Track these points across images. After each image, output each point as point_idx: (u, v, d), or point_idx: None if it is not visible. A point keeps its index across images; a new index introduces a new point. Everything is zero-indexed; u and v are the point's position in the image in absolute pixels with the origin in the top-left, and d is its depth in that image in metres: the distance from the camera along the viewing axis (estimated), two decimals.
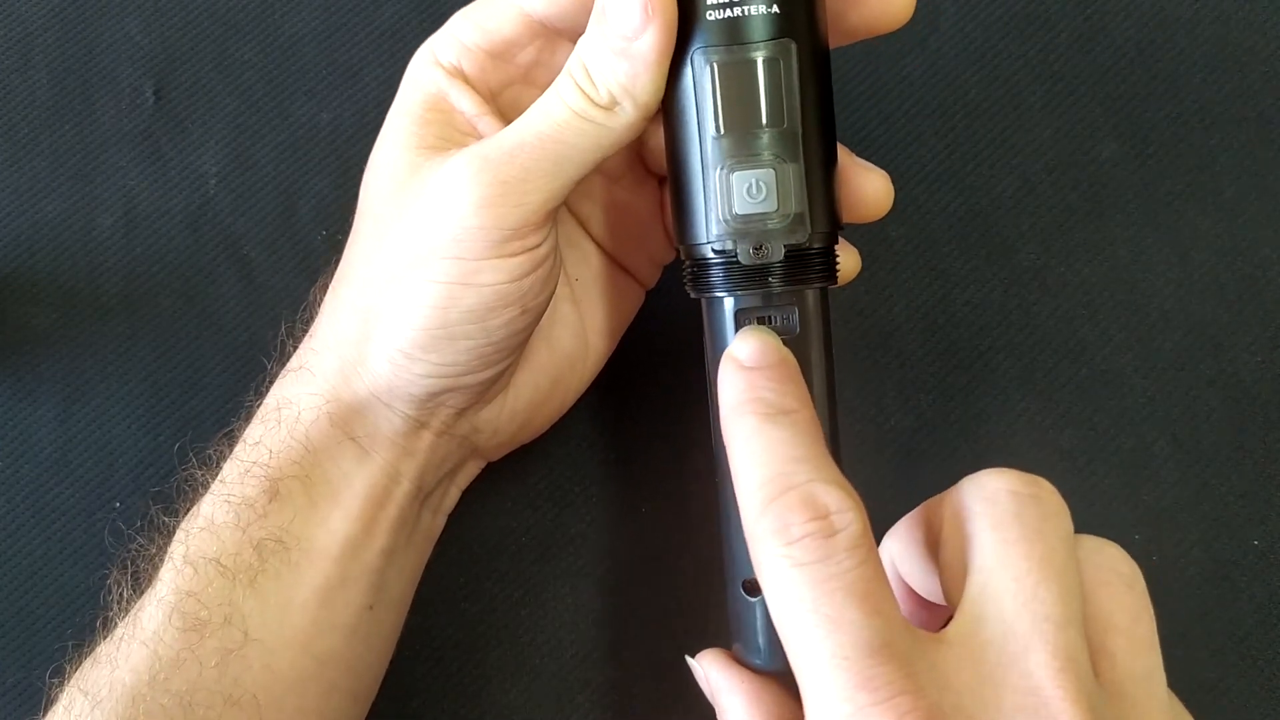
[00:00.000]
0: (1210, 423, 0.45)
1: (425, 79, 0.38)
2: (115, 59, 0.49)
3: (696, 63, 0.33)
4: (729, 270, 0.34)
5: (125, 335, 0.46)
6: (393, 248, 0.36)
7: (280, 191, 0.48)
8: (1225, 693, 0.43)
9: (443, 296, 0.35)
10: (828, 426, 0.34)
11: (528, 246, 0.35)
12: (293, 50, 0.49)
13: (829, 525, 0.28)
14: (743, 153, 0.33)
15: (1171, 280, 0.46)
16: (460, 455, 0.40)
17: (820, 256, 0.34)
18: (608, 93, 0.33)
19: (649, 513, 0.45)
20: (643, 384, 0.45)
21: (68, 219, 0.48)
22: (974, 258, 0.47)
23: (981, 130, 0.48)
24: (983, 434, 0.45)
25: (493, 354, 0.36)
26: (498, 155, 0.34)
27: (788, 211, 0.33)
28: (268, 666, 0.35)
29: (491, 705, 0.43)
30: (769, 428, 0.30)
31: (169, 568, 0.36)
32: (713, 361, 0.35)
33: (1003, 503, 0.30)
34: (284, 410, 0.37)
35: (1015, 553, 0.29)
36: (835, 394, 0.35)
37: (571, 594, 0.44)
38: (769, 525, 0.28)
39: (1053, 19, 0.49)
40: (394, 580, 0.39)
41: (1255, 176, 0.47)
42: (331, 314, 0.39)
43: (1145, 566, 0.44)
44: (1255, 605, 0.44)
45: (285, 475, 0.36)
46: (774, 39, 0.32)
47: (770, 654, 0.34)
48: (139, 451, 0.45)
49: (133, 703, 0.34)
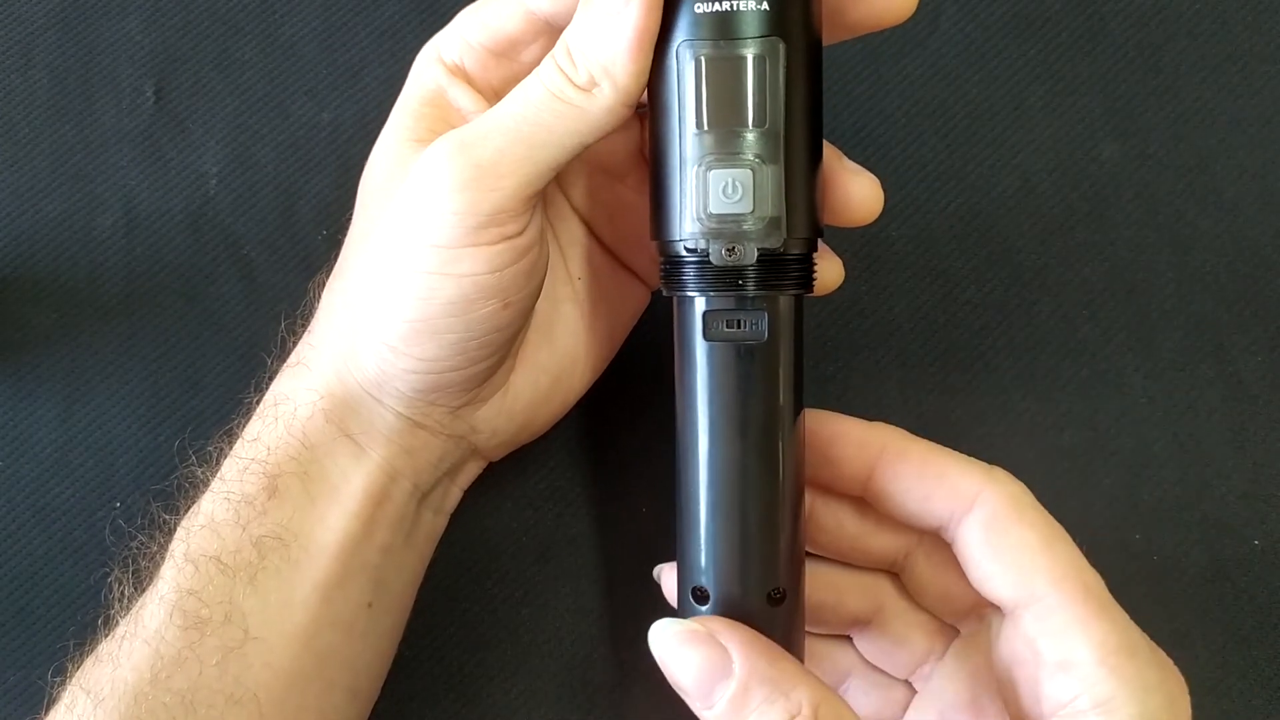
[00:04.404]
0: (1210, 423, 0.45)
1: (426, 75, 0.38)
2: (115, 59, 0.49)
3: (682, 55, 0.32)
4: (701, 270, 0.33)
5: (125, 335, 0.46)
6: (378, 238, 0.36)
7: (280, 191, 0.48)
8: (1225, 693, 0.43)
9: (423, 287, 0.34)
10: (788, 442, 0.34)
11: (506, 235, 0.34)
12: (293, 50, 0.49)
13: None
14: (722, 151, 0.32)
15: (1171, 280, 0.46)
16: (459, 455, 0.40)
17: (796, 263, 0.33)
18: (587, 73, 0.33)
19: (649, 513, 0.45)
20: (645, 384, 0.45)
21: (68, 219, 0.48)
22: (974, 258, 0.47)
23: (981, 130, 0.48)
24: (983, 434, 0.45)
25: (477, 349, 0.36)
26: (472, 138, 0.34)
27: (764, 214, 0.32)
28: (268, 664, 0.35)
29: (491, 705, 0.43)
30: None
31: (170, 565, 0.36)
32: (681, 361, 0.34)
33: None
34: (281, 406, 0.37)
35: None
36: (802, 405, 0.35)
37: (571, 594, 0.44)
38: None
39: (1053, 19, 0.49)
40: (394, 578, 0.39)
41: (1255, 176, 0.47)
42: (328, 309, 0.39)
43: (1145, 566, 0.44)
44: (1255, 605, 0.44)
45: (284, 472, 0.36)
46: (762, 37, 0.32)
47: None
48: (139, 451, 0.45)
49: (135, 701, 0.34)
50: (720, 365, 0.34)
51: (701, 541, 0.34)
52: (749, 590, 0.34)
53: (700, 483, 0.34)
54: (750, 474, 0.34)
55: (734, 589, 0.34)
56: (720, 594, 0.34)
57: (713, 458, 0.34)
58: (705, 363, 0.34)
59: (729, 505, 0.34)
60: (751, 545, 0.34)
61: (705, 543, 0.34)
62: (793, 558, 0.35)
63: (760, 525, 0.34)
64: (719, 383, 0.34)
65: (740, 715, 0.31)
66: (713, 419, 0.34)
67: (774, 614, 0.34)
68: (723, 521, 0.34)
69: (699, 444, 0.34)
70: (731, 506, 0.34)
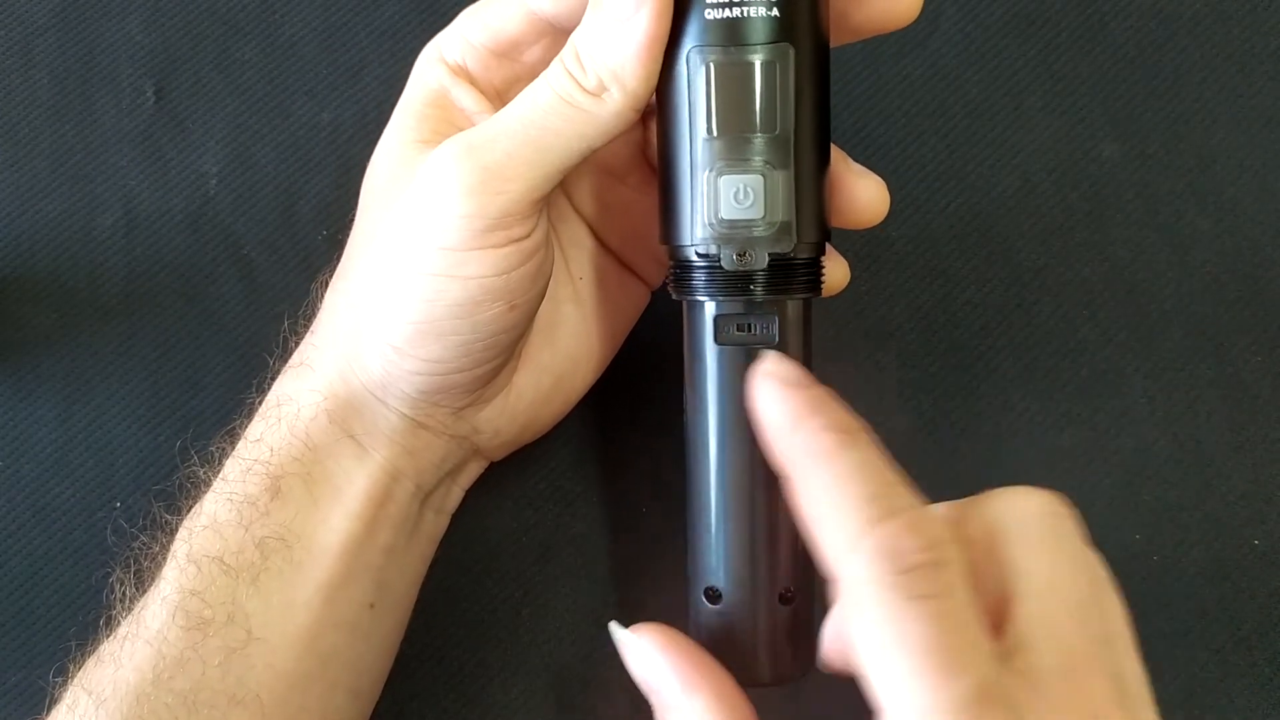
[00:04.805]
0: (1210, 423, 0.45)
1: (429, 76, 0.38)
2: (116, 59, 0.49)
3: (692, 61, 0.32)
4: (711, 275, 0.33)
5: (125, 335, 0.46)
6: (384, 240, 0.36)
7: (280, 191, 0.48)
8: (1225, 693, 0.43)
9: (429, 289, 0.34)
10: None
11: (513, 238, 0.34)
12: (293, 50, 0.49)
13: (942, 557, 0.26)
14: (733, 156, 0.32)
15: (1171, 280, 0.46)
16: (461, 455, 0.40)
17: (805, 267, 0.34)
18: (596, 77, 0.33)
19: (650, 513, 0.45)
20: (646, 384, 0.45)
21: (68, 219, 0.48)
22: (974, 258, 0.47)
23: (981, 130, 0.48)
24: (983, 434, 0.45)
25: (482, 351, 0.36)
26: (480, 141, 0.34)
27: (774, 219, 0.32)
28: (271, 665, 0.35)
29: (491, 705, 0.43)
30: (855, 448, 0.28)
31: (172, 566, 0.36)
32: (691, 365, 0.35)
33: (1040, 525, 0.29)
34: (284, 407, 0.37)
35: (1062, 577, 0.28)
36: None
37: (571, 594, 0.44)
38: (875, 547, 0.26)
39: (1053, 19, 0.49)
40: (396, 579, 0.39)
41: (1255, 176, 0.47)
42: (331, 310, 0.39)
43: (1145, 566, 0.44)
44: (1255, 605, 0.44)
45: (286, 473, 0.36)
46: (772, 42, 0.32)
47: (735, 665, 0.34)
48: (139, 451, 0.45)
49: (137, 702, 0.34)
50: (731, 369, 0.34)
51: (713, 542, 0.35)
52: (760, 590, 0.35)
53: (711, 485, 0.35)
54: (761, 476, 0.34)
55: (745, 589, 0.35)
56: (732, 594, 0.35)
57: (724, 460, 0.34)
58: (716, 366, 0.34)
59: (740, 507, 0.34)
60: (762, 546, 0.35)
61: (716, 544, 0.35)
62: (803, 559, 0.35)
63: (771, 527, 0.34)
64: (730, 386, 0.34)
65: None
66: (724, 422, 0.34)
67: (784, 613, 0.35)
68: (734, 523, 0.34)
69: (710, 446, 0.34)
70: (742, 508, 0.34)
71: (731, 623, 0.35)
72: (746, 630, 0.35)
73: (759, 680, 0.35)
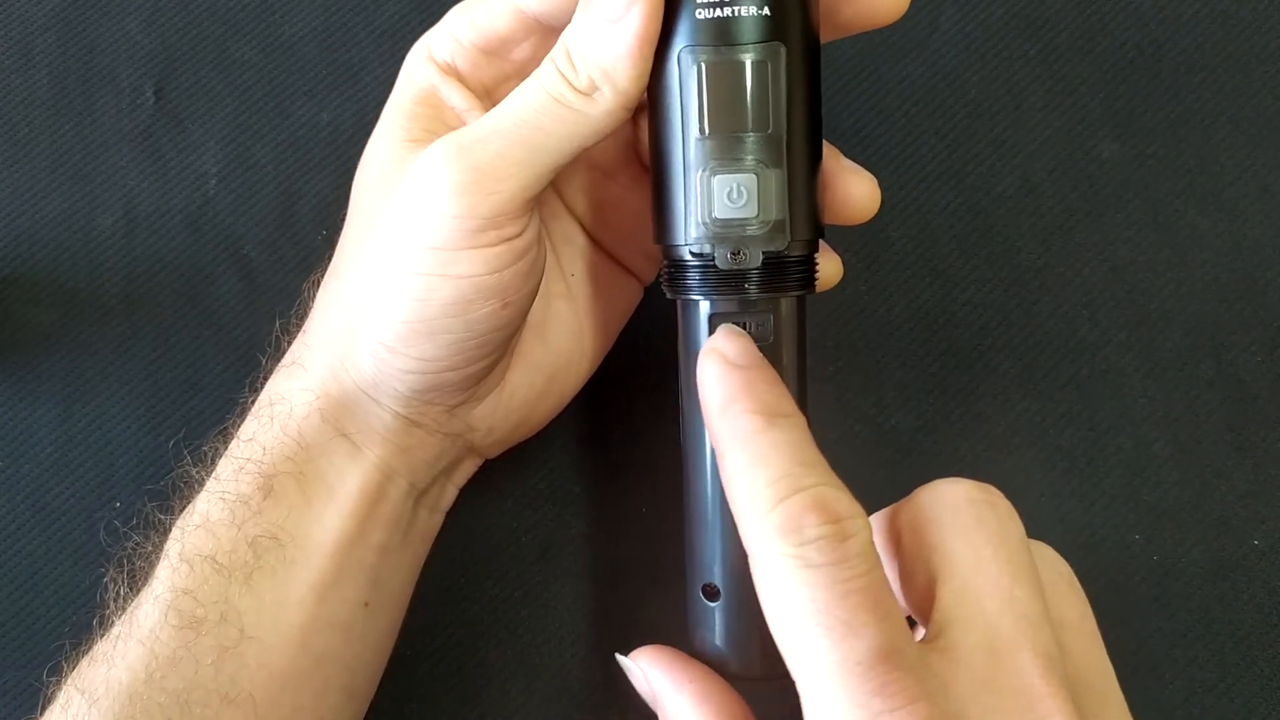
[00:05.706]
0: (1210, 423, 0.45)
1: (418, 74, 0.38)
2: (115, 59, 0.49)
3: (684, 61, 0.32)
4: (705, 274, 0.33)
5: (125, 335, 0.47)
6: (375, 239, 0.36)
7: (280, 191, 0.48)
8: (1225, 693, 0.43)
9: (421, 288, 0.34)
10: None
11: (505, 237, 0.34)
12: (293, 50, 0.49)
13: (842, 530, 0.27)
14: (726, 156, 0.32)
15: (1171, 280, 0.46)
16: (455, 453, 0.40)
17: (799, 264, 0.34)
18: (587, 77, 0.33)
19: (649, 513, 0.45)
20: (642, 382, 0.45)
21: (68, 219, 0.48)
22: (974, 258, 0.47)
23: (981, 130, 0.48)
24: (983, 434, 0.45)
25: (475, 349, 0.36)
26: (471, 141, 0.34)
27: (768, 218, 0.32)
28: (264, 664, 0.35)
29: (491, 705, 0.43)
30: (772, 430, 0.29)
31: (165, 565, 0.36)
32: (686, 363, 0.35)
33: (965, 510, 0.30)
34: (277, 406, 0.37)
35: (986, 557, 0.29)
36: (807, 404, 0.35)
37: (571, 594, 0.44)
38: (777, 523, 0.28)
39: (1053, 19, 0.49)
40: (390, 577, 0.39)
41: (1255, 176, 0.47)
42: (322, 308, 0.39)
43: (1145, 566, 0.44)
44: (1255, 605, 0.44)
45: (279, 471, 0.36)
46: (764, 42, 0.32)
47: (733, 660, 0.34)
48: (139, 451, 0.45)
49: (130, 701, 0.34)
50: None
51: (709, 540, 0.35)
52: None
53: (707, 482, 0.35)
54: None
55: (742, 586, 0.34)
56: (729, 591, 0.34)
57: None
58: None
59: None
60: None
61: (713, 541, 0.35)
62: None
63: None
64: None
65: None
66: None
67: None
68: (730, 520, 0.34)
69: (705, 444, 0.34)
70: None
71: (729, 619, 0.35)
72: (744, 626, 0.35)
73: (757, 674, 0.35)
